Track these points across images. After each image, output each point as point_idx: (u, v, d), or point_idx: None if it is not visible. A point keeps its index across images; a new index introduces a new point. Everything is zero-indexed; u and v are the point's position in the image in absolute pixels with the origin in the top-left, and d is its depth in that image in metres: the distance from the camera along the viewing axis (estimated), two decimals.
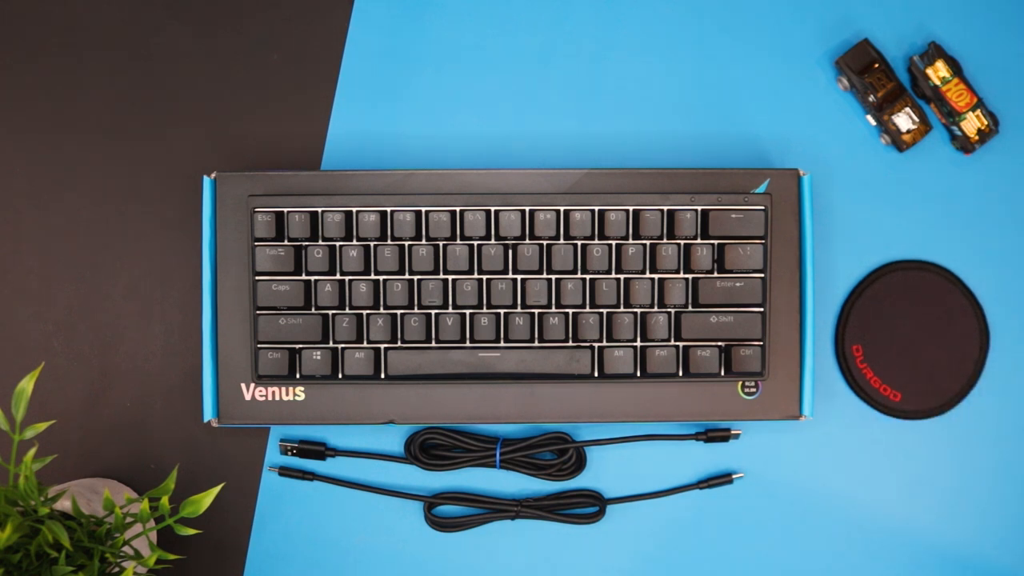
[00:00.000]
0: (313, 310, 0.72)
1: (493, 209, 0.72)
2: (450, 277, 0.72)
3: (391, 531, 0.76)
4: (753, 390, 0.73)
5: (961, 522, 0.76)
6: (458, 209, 0.72)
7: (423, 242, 0.72)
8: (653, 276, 0.72)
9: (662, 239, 0.72)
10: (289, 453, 0.75)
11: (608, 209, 0.71)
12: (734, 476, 0.75)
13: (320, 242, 0.72)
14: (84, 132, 0.77)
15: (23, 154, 0.77)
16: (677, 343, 0.72)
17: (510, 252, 0.72)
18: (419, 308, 0.72)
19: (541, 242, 0.72)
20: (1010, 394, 0.76)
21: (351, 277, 0.72)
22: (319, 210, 0.72)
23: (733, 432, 0.75)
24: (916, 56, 0.76)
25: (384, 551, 0.76)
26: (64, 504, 0.65)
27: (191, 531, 0.61)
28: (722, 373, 0.72)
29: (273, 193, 0.72)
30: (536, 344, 0.72)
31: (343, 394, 0.73)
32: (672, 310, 0.72)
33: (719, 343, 0.72)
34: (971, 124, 0.75)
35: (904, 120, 0.75)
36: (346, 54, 0.77)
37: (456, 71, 0.77)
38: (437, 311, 0.72)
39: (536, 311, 0.72)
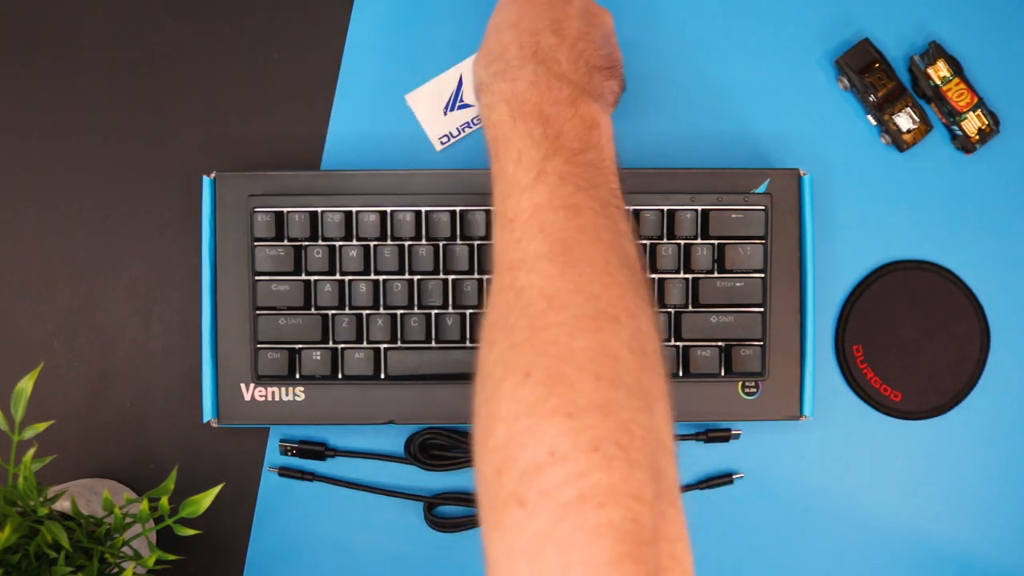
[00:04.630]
0: (313, 310, 0.72)
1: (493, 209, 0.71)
2: (450, 277, 0.72)
3: (391, 531, 0.76)
4: (753, 390, 0.73)
5: (961, 522, 0.76)
6: (458, 209, 0.71)
7: (423, 242, 0.72)
8: (653, 276, 0.72)
9: (662, 239, 0.72)
10: (289, 453, 0.75)
11: None
12: (734, 476, 0.75)
13: (320, 242, 0.72)
14: (84, 132, 0.77)
15: (23, 154, 0.77)
16: (677, 343, 0.72)
17: None
18: (419, 308, 0.72)
19: None
20: (1010, 394, 0.76)
21: (351, 277, 0.72)
22: (319, 210, 0.72)
23: (733, 432, 0.75)
24: (916, 56, 0.76)
25: (384, 551, 0.76)
26: (64, 504, 0.65)
27: (191, 531, 0.61)
28: (722, 373, 0.72)
29: (273, 193, 0.72)
30: None
31: (343, 394, 0.72)
32: (672, 310, 0.72)
33: (719, 343, 0.72)
34: (972, 124, 0.75)
35: (904, 120, 0.75)
36: (346, 54, 0.77)
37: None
38: (437, 311, 0.72)
39: None
